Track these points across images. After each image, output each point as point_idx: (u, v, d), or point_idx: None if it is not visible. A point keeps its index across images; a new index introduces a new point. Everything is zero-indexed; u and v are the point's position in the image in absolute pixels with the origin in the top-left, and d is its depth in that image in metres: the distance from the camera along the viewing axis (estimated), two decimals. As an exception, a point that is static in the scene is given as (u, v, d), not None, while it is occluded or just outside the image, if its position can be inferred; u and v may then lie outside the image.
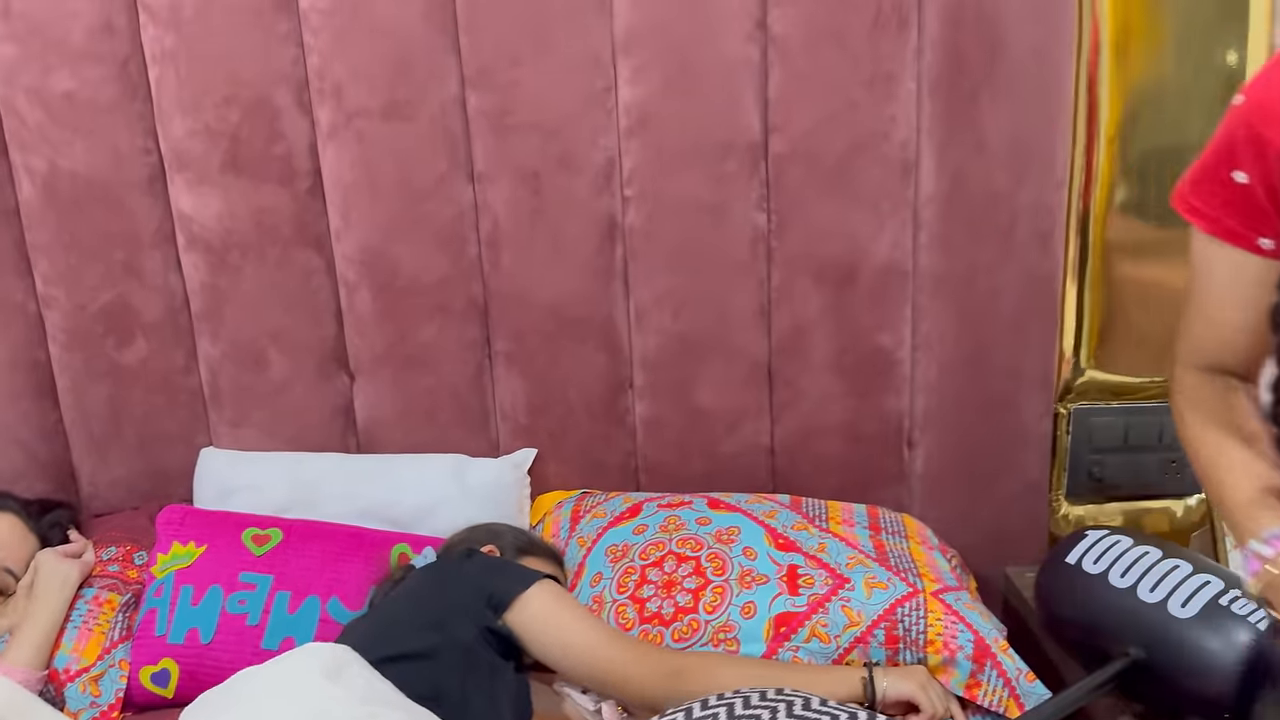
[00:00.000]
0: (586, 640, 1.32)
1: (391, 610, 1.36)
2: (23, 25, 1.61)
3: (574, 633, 1.32)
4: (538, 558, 1.56)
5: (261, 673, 1.18)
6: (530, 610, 1.31)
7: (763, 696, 1.08)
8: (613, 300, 1.78)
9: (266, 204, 1.71)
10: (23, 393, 1.78)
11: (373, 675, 1.16)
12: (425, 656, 1.22)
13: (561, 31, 1.65)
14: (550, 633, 1.30)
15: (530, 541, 1.61)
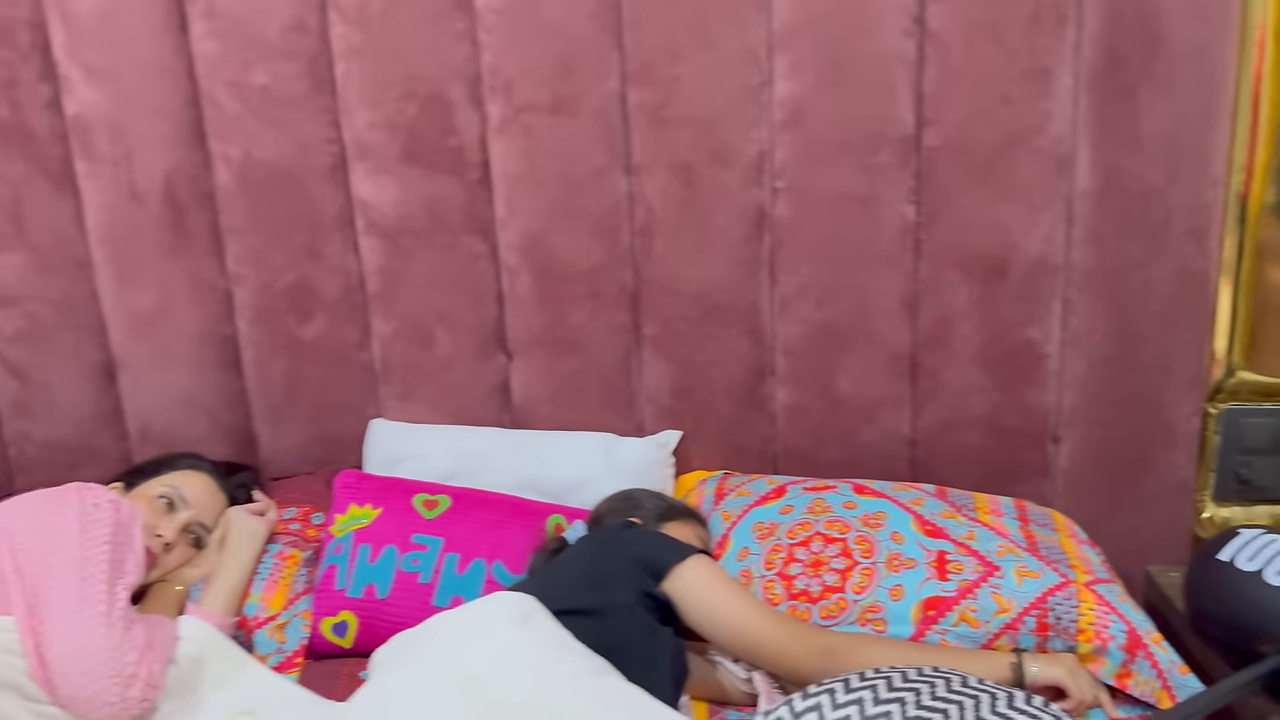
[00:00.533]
0: (737, 612, 1.37)
1: (558, 571, 1.45)
2: (225, 23, 1.75)
3: (725, 604, 1.38)
4: (678, 521, 1.64)
5: (454, 616, 1.28)
6: (685, 580, 1.37)
7: (918, 673, 1.12)
8: (758, 289, 1.84)
9: (439, 193, 1.82)
10: (211, 364, 1.94)
11: (556, 624, 1.25)
12: (592, 613, 1.30)
13: (721, 28, 1.71)
14: (703, 603, 1.37)
15: (669, 507, 1.68)
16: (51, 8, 1.75)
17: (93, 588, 1.44)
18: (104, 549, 1.48)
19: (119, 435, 1.98)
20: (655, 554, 1.40)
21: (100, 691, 1.39)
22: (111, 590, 1.45)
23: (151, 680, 1.43)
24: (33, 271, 1.88)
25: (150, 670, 1.43)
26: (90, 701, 1.39)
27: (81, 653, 1.39)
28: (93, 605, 1.43)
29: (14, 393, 1.94)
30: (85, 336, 1.91)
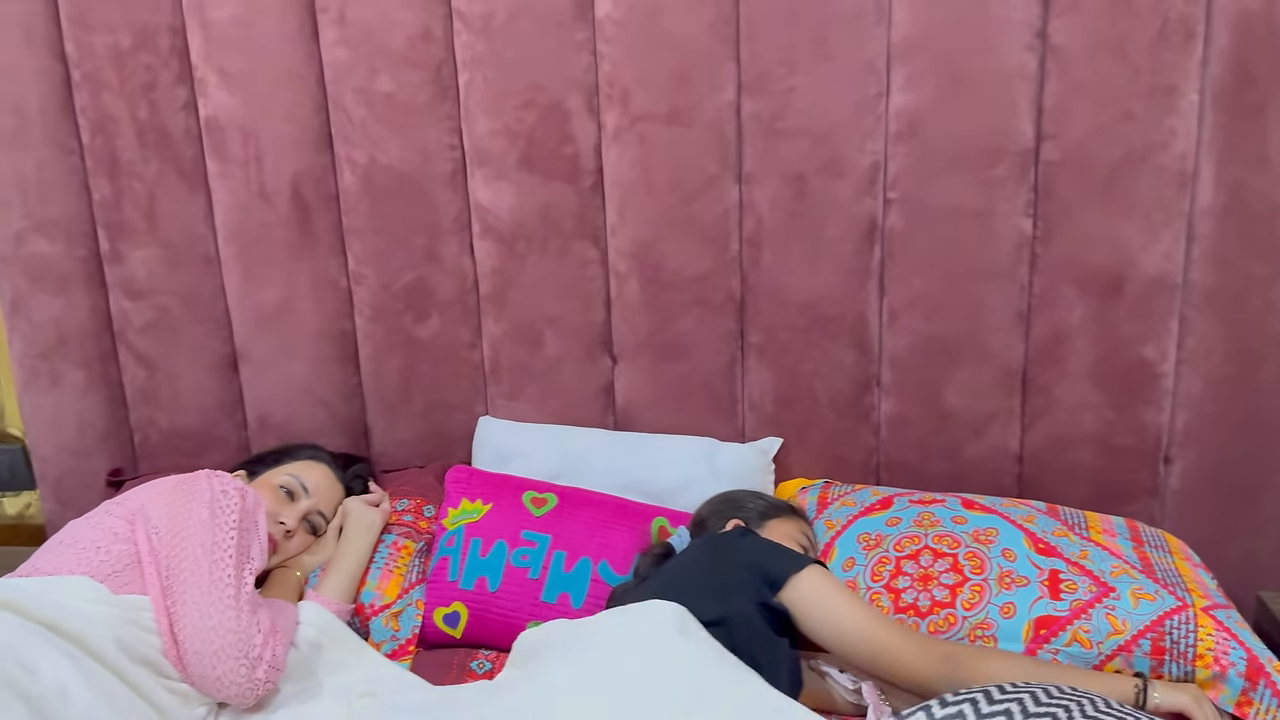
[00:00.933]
0: (857, 620, 1.38)
1: (674, 579, 1.47)
2: (355, 31, 1.82)
3: (845, 613, 1.39)
4: (781, 518, 1.66)
5: (613, 621, 1.30)
6: (803, 590, 1.39)
7: (1060, 691, 1.11)
8: (866, 300, 1.84)
9: (554, 199, 1.86)
10: (330, 358, 2.01)
11: (707, 634, 1.28)
12: (716, 624, 1.32)
13: (840, 40, 1.72)
14: (822, 611, 1.38)
15: (771, 505, 1.70)
16: (191, 14, 1.84)
17: (221, 571, 1.51)
18: (232, 534, 1.55)
19: (239, 424, 2.06)
20: (772, 564, 1.42)
21: (228, 671, 1.45)
22: (239, 574, 1.52)
23: (275, 663, 1.50)
24: (163, 266, 1.97)
25: (274, 652, 1.50)
26: (219, 681, 1.46)
27: (211, 634, 1.46)
28: (222, 588, 1.49)
29: (142, 381, 2.04)
30: (211, 329, 2.00)
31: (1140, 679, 1.33)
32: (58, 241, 1.95)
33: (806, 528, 1.70)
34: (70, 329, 1.98)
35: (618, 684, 1.17)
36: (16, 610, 1.37)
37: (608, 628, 1.29)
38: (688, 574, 1.46)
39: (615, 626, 1.28)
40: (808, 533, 1.68)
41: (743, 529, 1.56)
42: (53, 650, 1.35)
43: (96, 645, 1.39)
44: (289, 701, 1.54)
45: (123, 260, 1.96)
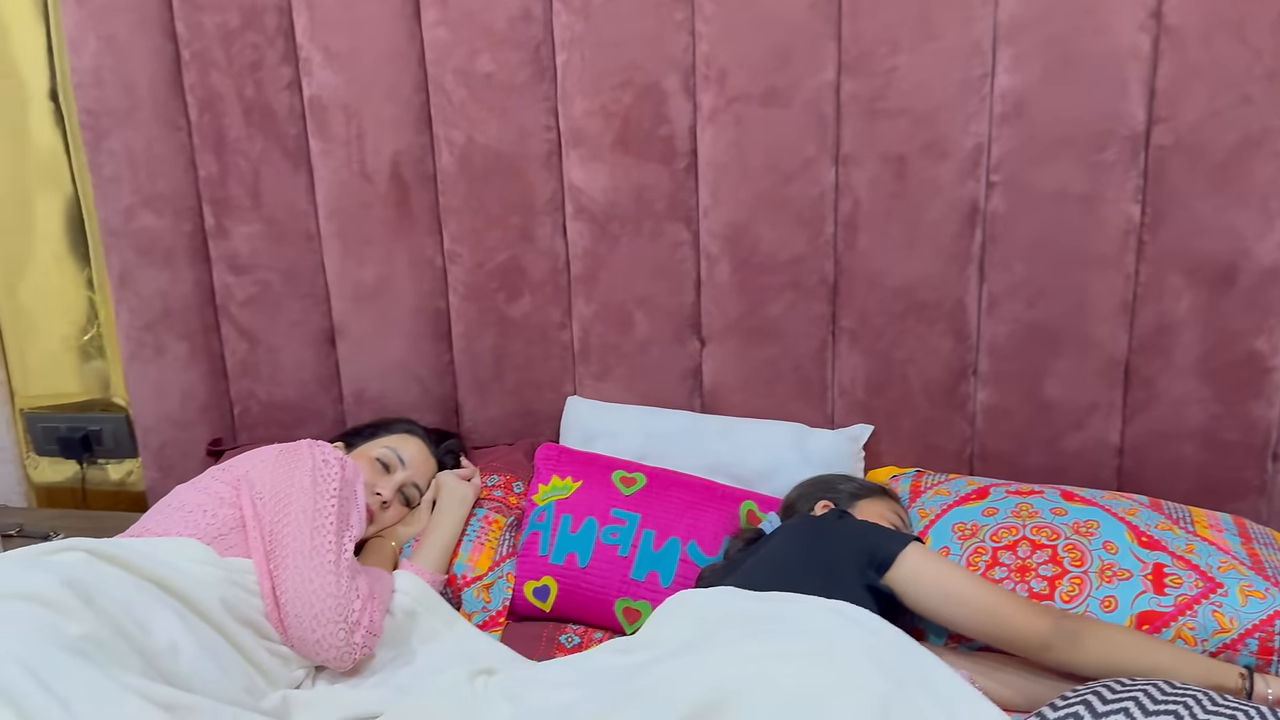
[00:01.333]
0: (972, 589, 1.38)
1: (775, 562, 1.46)
2: (456, 12, 1.84)
3: (956, 582, 1.39)
4: (871, 498, 1.65)
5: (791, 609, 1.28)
6: (910, 565, 1.38)
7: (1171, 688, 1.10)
8: (965, 285, 1.81)
9: (647, 180, 1.86)
10: (424, 335, 2.04)
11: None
12: None
13: (946, 19, 1.69)
14: (934, 584, 1.37)
15: (861, 486, 1.70)
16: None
17: (322, 538, 1.55)
18: (332, 502, 1.59)
19: (335, 398, 2.11)
20: (877, 545, 1.42)
21: (328, 635, 1.49)
22: (339, 541, 1.55)
23: (372, 628, 1.53)
24: (266, 242, 2.02)
25: (372, 618, 1.53)
26: (319, 644, 1.50)
27: (312, 597, 1.50)
28: (322, 554, 1.53)
29: (243, 354, 2.10)
30: (310, 304, 2.05)
31: (1247, 669, 1.29)
32: (165, 216, 2.01)
33: (899, 507, 1.68)
34: (175, 302, 2.04)
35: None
36: (130, 569, 1.42)
37: (787, 620, 1.25)
38: (787, 558, 1.45)
39: (796, 616, 1.25)
40: (900, 513, 1.67)
41: (838, 511, 1.55)
42: (164, 608, 1.40)
43: (203, 605, 1.44)
44: (384, 667, 1.58)
45: (227, 235, 2.02)
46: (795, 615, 1.24)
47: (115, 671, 1.24)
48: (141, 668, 1.30)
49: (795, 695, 1.09)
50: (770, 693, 1.09)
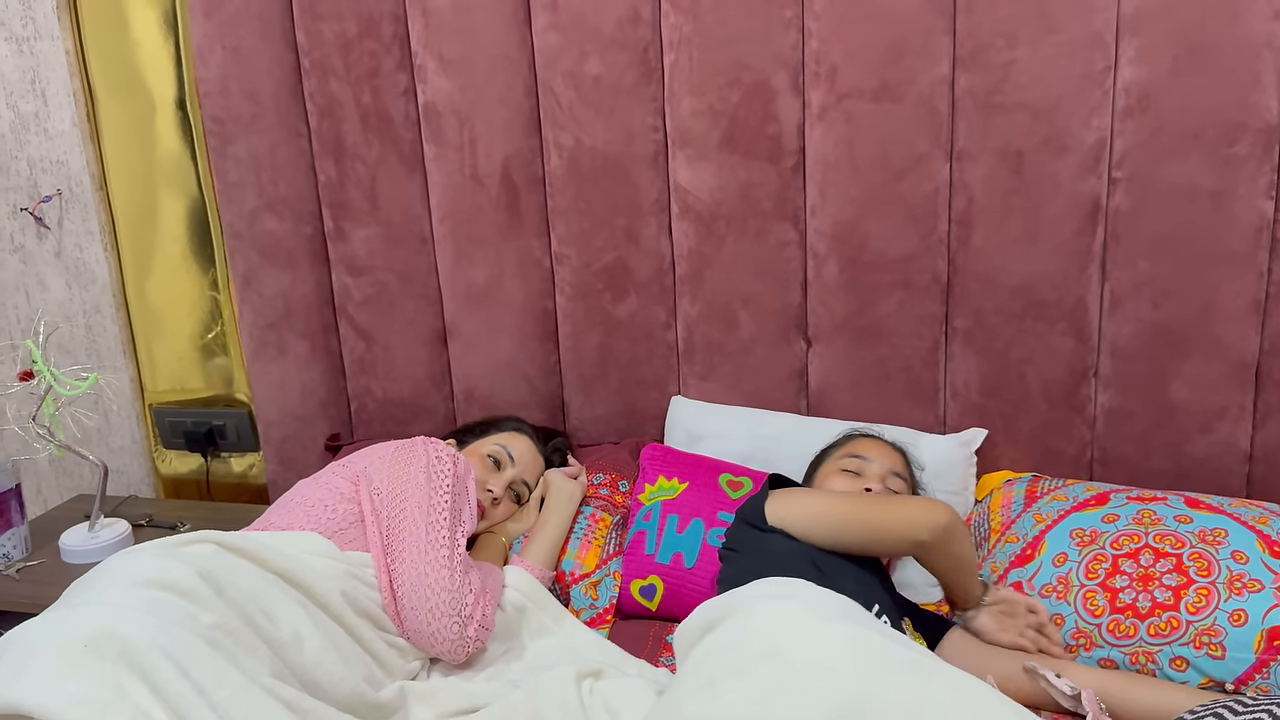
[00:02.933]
0: (829, 503, 1.57)
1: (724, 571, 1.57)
2: (566, 16, 1.86)
3: (814, 503, 1.56)
4: (822, 465, 1.74)
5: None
6: (774, 505, 1.56)
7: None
8: (1086, 284, 1.75)
9: (754, 179, 1.85)
10: (532, 335, 2.07)
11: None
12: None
13: (1066, 11, 1.64)
14: (800, 513, 1.55)
15: (812, 464, 1.78)
16: (413, 2, 1.92)
17: (436, 533, 1.58)
18: (446, 498, 1.62)
19: (446, 395, 2.16)
20: (749, 505, 1.57)
21: (442, 628, 1.52)
22: (452, 536, 1.59)
23: (485, 622, 1.56)
24: (383, 244, 2.08)
25: (484, 612, 1.56)
26: (433, 637, 1.53)
27: (427, 591, 1.53)
28: (437, 549, 1.57)
29: (360, 353, 2.16)
30: (424, 305, 2.10)
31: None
32: (286, 220, 2.09)
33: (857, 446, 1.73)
34: (296, 302, 2.12)
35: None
36: (257, 560, 1.48)
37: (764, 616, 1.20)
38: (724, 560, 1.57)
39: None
40: (855, 451, 1.71)
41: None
42: (288, 599, 1.45)
43: (325, 597, 1.49)
44: (496, 660, 1.60)
45: (345, 238, 2.09)
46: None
47: (245, 661, 1.30)
48: (269, 657, 1.35)
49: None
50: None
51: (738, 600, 1.15)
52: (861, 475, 1.64)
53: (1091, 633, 1.48)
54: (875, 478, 1.64)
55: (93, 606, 1.27)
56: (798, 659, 1.02)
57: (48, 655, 1.19)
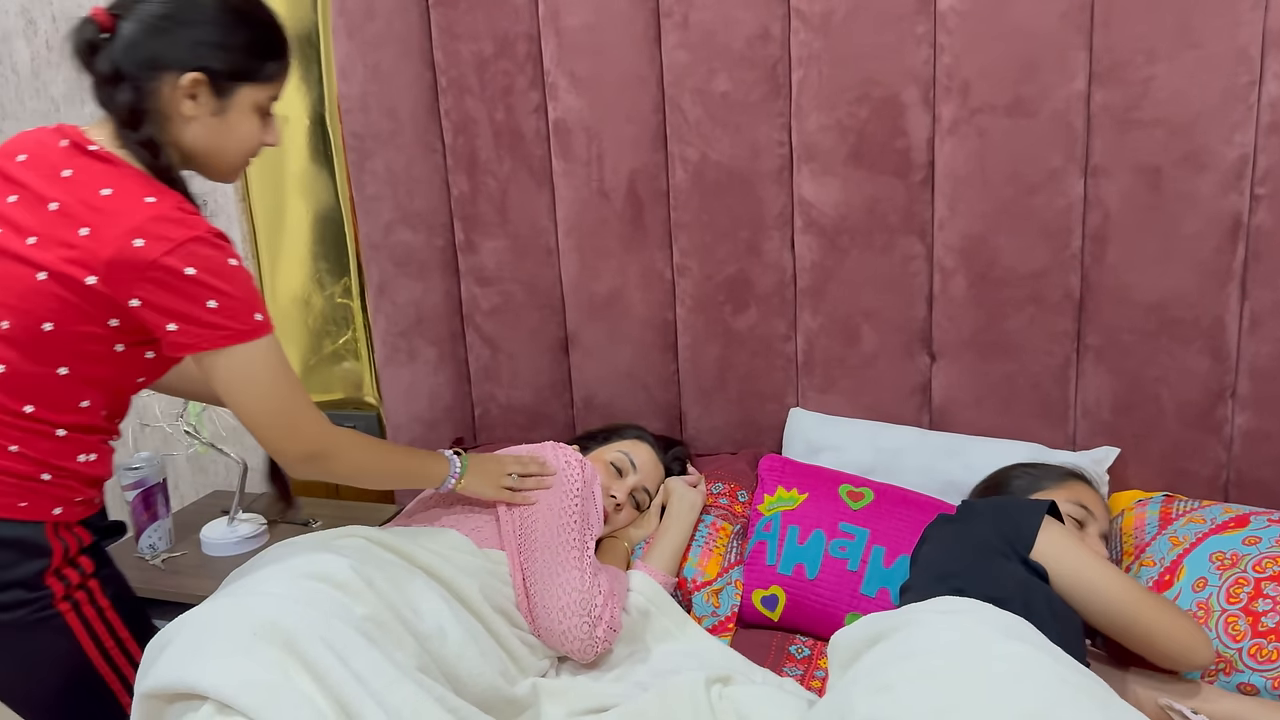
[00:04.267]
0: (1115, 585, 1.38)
1: (935, 560, 1.48)
2: (696, 34, 1.90)
3: (1097, 575, 1.39)
4: (1045, 491, 1.63)
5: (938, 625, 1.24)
6: (1047, 543, 1.40)
7: None
8: (1225, 303, 1.72)
9: (881, 194, 1.86)
10: (653, 345, 2.11)
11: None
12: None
13: (1208, 26, 1.61)
14: (1073, 571, 1.38)
15: (1032, 481, 1.67)
16: (547, 22, 1.99)
17: (566, 535, 1.63)
18: (575, 502, 1.67)
19: (566, 403, 2.21)
20: (1016, 523, 1.44)
21: (573, 627, 1.57)
22: (582, 538, 1.63)
23: (613, 624, 1.60)
24: (511, 256, 2.15)
25: (612, 614, 1.60)
26: (564, 636, 1.58)
27: (559, 590, 1.58)
28: (567, 550, 1.61)
29: (486, 360, 2.23)
30: (548, 315, 2.16)
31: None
32: (420, 232, 2.17)
33: (1085, 496, 1.63)
34: (427, 311, 2.20)
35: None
36: (403, 555, 1.55)
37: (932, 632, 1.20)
38: (945, 554, 1.44)
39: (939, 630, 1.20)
40: (1085, 500, 1.61)
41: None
42: (432, 593, 1.51)
43: (464, 591, 1.55)
44: (622, 662, 1.64)
45: (475, 250, 2.16)
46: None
47: (394, 653, 1.36)
48: (415, 650, 1.41)
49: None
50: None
51: (909, 614, 1.17)
52: (1084, 526, 1.57)
53: (1233, 658, 1.45)
54: (1096, 543, 1.57)
55: (258, 596, 1.35)
56: (979, 672, 1.03)
57: (220, 640, 1.27)
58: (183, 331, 1.29)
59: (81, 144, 1.33)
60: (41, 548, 1.35)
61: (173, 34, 1.30)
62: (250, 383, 1.33)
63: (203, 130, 1.35)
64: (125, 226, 1.26)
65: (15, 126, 2.51)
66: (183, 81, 1.31)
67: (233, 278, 1.30)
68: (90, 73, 1.31)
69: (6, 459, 1.33)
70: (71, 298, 1.28)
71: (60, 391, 1.34)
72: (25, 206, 1.31)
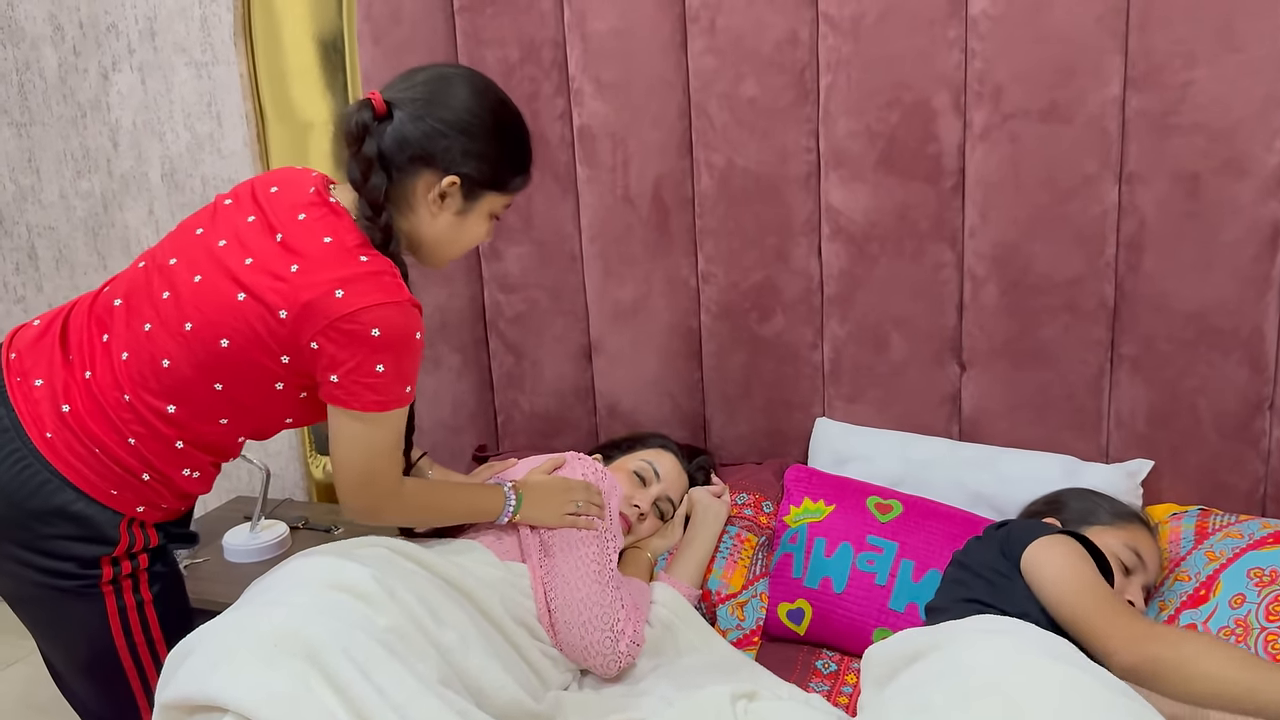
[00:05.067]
0: (1071, 581, 1.34)
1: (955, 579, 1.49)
2: (724, 39, 1.88)
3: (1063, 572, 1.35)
4: (1101, 525, 1.57)
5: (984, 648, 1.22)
6: (1031, 556, 1.38)
7: None
8: (1264, 312, 1.67)
9: (911, 200, 1.83)
10: (677, 353, 2.09)
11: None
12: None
13: (1250, 30, 1.57)
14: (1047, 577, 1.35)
15: (1091, 509, 1.61)
16: (573, 27, 1.97)
17: (587, 548, 1.61)
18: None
19: (589, 410, 2.19)
20: (1012, 535, 1.44)
21: (595, 641, 1.55)
22: (602, 552, 1.61)
23: (636, 638, 1.58)
24: (535, 262, 2.13)
25: (635, 628, 1.58)
26: (586, 650, 1.56)
27: (580, 605, 1.56)
28: (588, 564, 1.59)
29: (509, 367, 2.22)
30: (571, 321, 2.14)
31: None
32: (444, 237, 2.16)
33: (1143, 529, 1.59)
34: (451, 316, 2.19)
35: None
36: (425, 565, 1.53)
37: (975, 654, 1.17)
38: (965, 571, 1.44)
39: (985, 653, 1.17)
40: (1138, 547, 1.55)
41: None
42: (454, 604, 1.49)
43: (486, 603, 1.53)
44: (646, 676, 1.62)
45: (500, 256, 2.15)
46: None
47: (416, 665, 1.34)
48: (437, 662, 1.39)
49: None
50: None
51: (948, 632, 1.14)
52: (1130, 574, 1.53)
53: (1275, 679, 1.41)
54: (1136, 592, 1.52)
55: (280, 606, 1.33)
56: (1021, 696, 1.01)
57: (242, 652, 1.25)
58: (342, 385, 1.35)
59: (324, 195, 1.41)
60: (111, 536, 1.40)
61: (445, 136, 1.38)
62: (366, 443, 1.40)
63: (442, 226, 1.44)
64: (333, 275, 1.32)
65: (42, 131, 2.53)
66: (442, 183, 1.39)
67: (409, 350, 1.36)
68: (353, 152, 1.38)
69: (121, 448, 1.38)
70: (258, 325, 1.34)
71: (207, 403, 1.40)
72: (257, 230, 1.38)
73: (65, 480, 1.36)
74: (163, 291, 1.39)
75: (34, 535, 1.37)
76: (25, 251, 2.68)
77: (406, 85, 1.41)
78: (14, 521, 1.37)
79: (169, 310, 1.37)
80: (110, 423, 1.38)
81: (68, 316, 1.46)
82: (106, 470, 1.38)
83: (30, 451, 1.36)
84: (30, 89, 2.50)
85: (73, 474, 1.37)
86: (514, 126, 1.45)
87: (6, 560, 1.40)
